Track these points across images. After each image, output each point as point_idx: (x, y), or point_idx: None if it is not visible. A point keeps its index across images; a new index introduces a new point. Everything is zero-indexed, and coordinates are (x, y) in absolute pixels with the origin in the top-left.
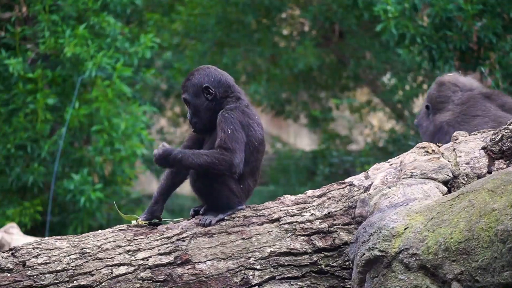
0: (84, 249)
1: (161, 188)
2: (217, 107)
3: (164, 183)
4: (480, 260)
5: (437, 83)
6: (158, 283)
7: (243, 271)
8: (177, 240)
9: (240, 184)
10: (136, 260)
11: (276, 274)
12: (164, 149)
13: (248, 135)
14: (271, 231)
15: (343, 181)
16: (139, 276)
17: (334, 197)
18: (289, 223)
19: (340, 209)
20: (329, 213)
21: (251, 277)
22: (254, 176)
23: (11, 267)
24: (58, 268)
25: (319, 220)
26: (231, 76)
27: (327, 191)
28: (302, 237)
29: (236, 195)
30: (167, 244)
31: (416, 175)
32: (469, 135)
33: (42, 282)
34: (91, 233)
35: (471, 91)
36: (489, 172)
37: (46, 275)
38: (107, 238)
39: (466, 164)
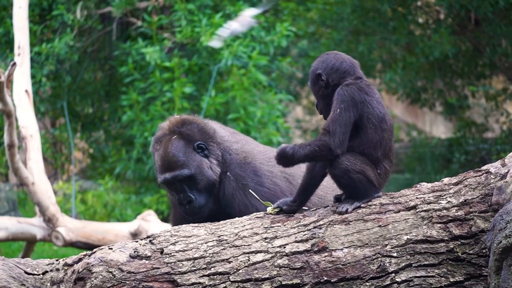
0: (222, 237)
1: (300, 184)
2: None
3: (303, 181)
4: None
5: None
6: (295, 271)
7: (379, 259)
8: (314, 227)
9: (377, 169)
10: (273, 247)
11: (412, 262)
12: (279, 149)
13: (364, 111)
14: (408, 218)
15: (480, 169)
16: (276, 264)
17: (470, 184)
18: (425, 210)
19: (477, 197)
20: (465, 200)
21: (387, 264)
22: (389, 158)
23: (149, 254)
24: (196, 256)
25: (455, 208)
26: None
27: (464, 178)
28: (439, 225)
29: (373, 183)
30: (304, 231)
31: None
32: None
33: (179, 269)
34: (228, 220)
35: None
36: None
37: (184, 262)
38: (244, 225)
39: None
